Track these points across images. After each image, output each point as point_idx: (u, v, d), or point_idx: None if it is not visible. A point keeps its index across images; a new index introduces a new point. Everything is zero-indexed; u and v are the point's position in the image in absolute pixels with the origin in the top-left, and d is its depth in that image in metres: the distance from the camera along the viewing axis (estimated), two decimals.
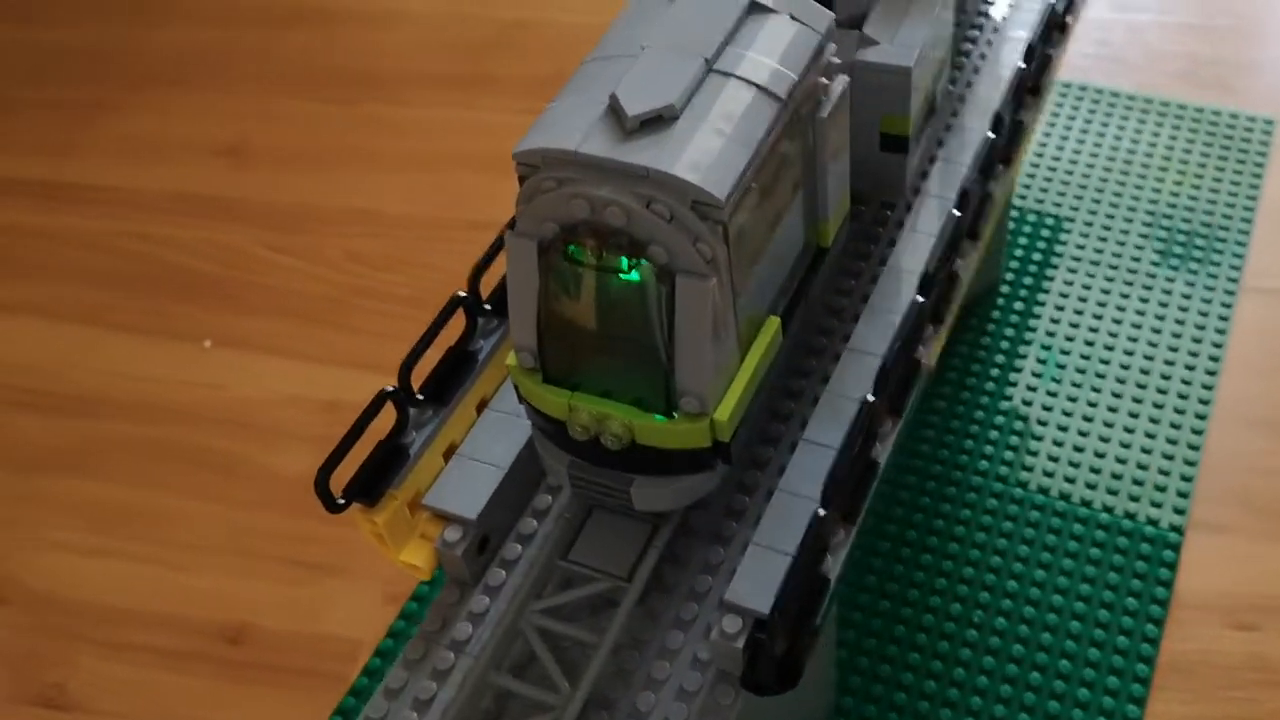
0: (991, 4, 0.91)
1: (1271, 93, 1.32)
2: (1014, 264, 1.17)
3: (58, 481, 1.15)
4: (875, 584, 0.98)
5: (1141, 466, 1.03)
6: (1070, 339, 1.11)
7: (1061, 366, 1.09)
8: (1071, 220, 1.21)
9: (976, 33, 0.91)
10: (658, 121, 0.60)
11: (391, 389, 0.70)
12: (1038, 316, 1.14)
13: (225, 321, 1.27)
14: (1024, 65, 0.79)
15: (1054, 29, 0.85)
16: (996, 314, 1.14)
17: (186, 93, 1.55)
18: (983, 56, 0.89)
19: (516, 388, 0.67)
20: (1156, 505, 1.00)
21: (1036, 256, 1.18)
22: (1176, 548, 0.98)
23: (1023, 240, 1.19)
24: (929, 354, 0.71)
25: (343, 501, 0.69)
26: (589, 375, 0.64)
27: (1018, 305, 1.14)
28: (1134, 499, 1.01)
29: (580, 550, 0.70)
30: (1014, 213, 1.20)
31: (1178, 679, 0.92)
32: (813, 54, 0.64)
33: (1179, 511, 1.00)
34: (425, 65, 1.55)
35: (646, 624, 0.68)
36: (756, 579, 0.63)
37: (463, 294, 0.74)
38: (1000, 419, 1.07)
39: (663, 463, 0.64)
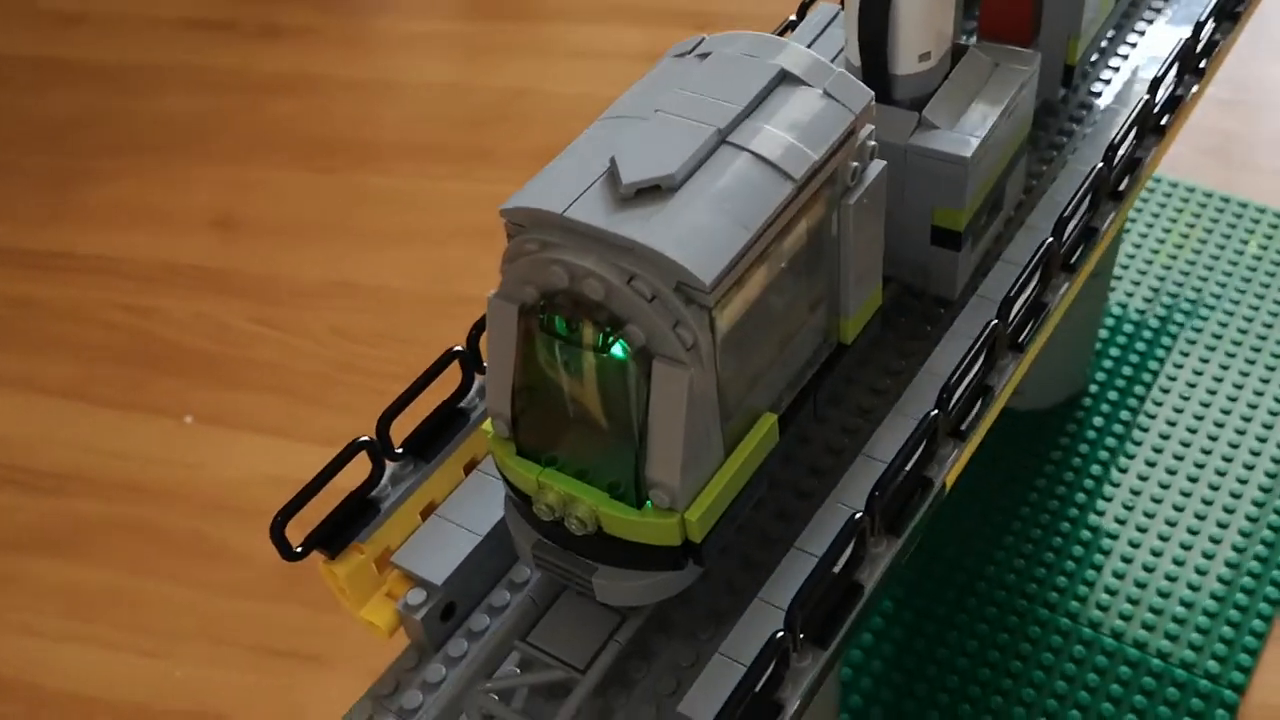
0: (1097, 98, 0.84)
1: None
2: (1102, 374, 1.10)
3: (30, 562, 1.12)
4: (914, 710, 0.93)
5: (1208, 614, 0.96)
6: (1151, 464, 1.04)
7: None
8: (1175, 331, 1.13)
9: (1075, 126, 0.85)
10: (654, 192, 0.56)
11: (366, 439, 0.66)
12: (1120, 436, 1.06)
13: (208, 397, 1.25)
14: (1102, 165, 0.73)
15: (1146, 130, 0.79)
16: (1078, 428, 1.07)
17: (172, 161, 1.53)
18: (1073, 153, 0.83)
19: (492, 454, 0.63)
20: (1219, 660, 0.93)
21: (1127, 370, 1.10)
22: (1233, 708, 0.90)
23: (1114, 350, 1.12)
24: (944, 472, 0.65)
25: (299, 550, 0.65)
26: (563, 452, 0.60)
27: (1097, 420, 1.07)
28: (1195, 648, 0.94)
29: (541, 633, 0.66)
30: (1109, 320, 1.13)
31: None
32: (842, 134, 0.59)
33: (1242, 669, 0.92)
34: (418, 136, 1.52)
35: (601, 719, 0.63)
36: (713, 692, 0.58)
37: (459, 349, 0.69)
38: (1077, 549, 1.01)
39: (629, 555, 0.60)
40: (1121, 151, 0.75)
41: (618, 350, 0.55)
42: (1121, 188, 0.76)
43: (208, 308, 1.33)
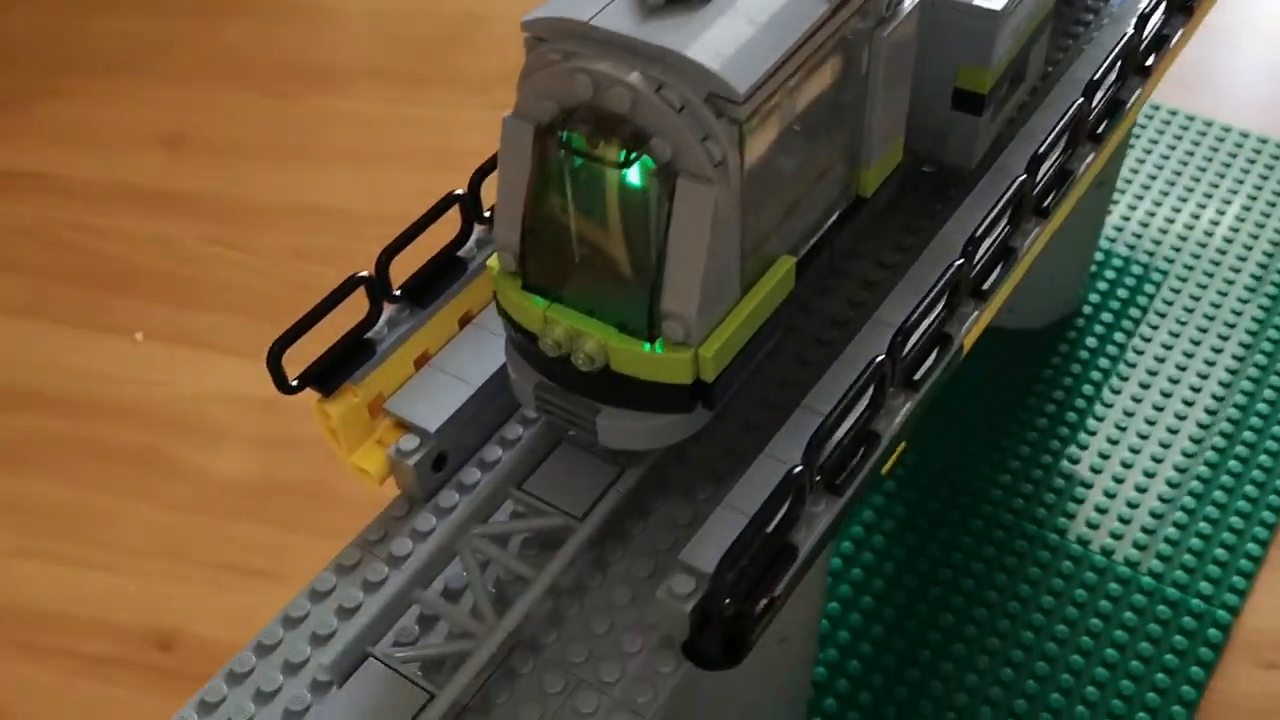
0: None
1: None
2: (1096, 296, 1.09)
3: None
4: (916, 629, 0.91)
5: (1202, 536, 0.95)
6: (1145, 386, 1.03)
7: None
8: (1172, 256, 1.12)
9: (1091, 15, 0.83)
10: (684, 4, 0.54)
11: (364, 275, 0.64)
12: (1114, 357, 1.05)
13: (163, 316, 1.21)
14: (1132, 32, 0.71)
15: (1175, 8, 0.77)
16: (1072, 348, 1.06)
17: (125, 81, 1.48)
18: (1093, 37, 0.81)
19: (495, 293, 0.60)
20: (1212, 581, 0.92)
21: (1122, 292, 1.09)
22: (1226, 629, 0.90)
23: (1110, 273, 1.10)
24: (964, 331, 0.63)
25: (295, 384, 0.62)
26: (572, 288, 0.58)
27: (1090, 341, 1.06)
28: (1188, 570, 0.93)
29: (537, 481, 0.64)
30: (1104, 243, 1.11)
31: None
32: None
33: (1236, 592, 0.91)
34: (373, 59, 1.49)
35: (594, 573, 0.62)
36: (718, 540, 0.56)
37: (460, 192, 0.67)
38: (1067, 466, 1.00)
39: (636, 395, 0.58)
40: (1152, 22, 0.73)
41: (638, 168, 0.53)
42: (1149, 63, 0.74)
43: (162, 228, 1.30)
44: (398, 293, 0.66)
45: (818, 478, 0.56)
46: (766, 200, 0.57)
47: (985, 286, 0.64)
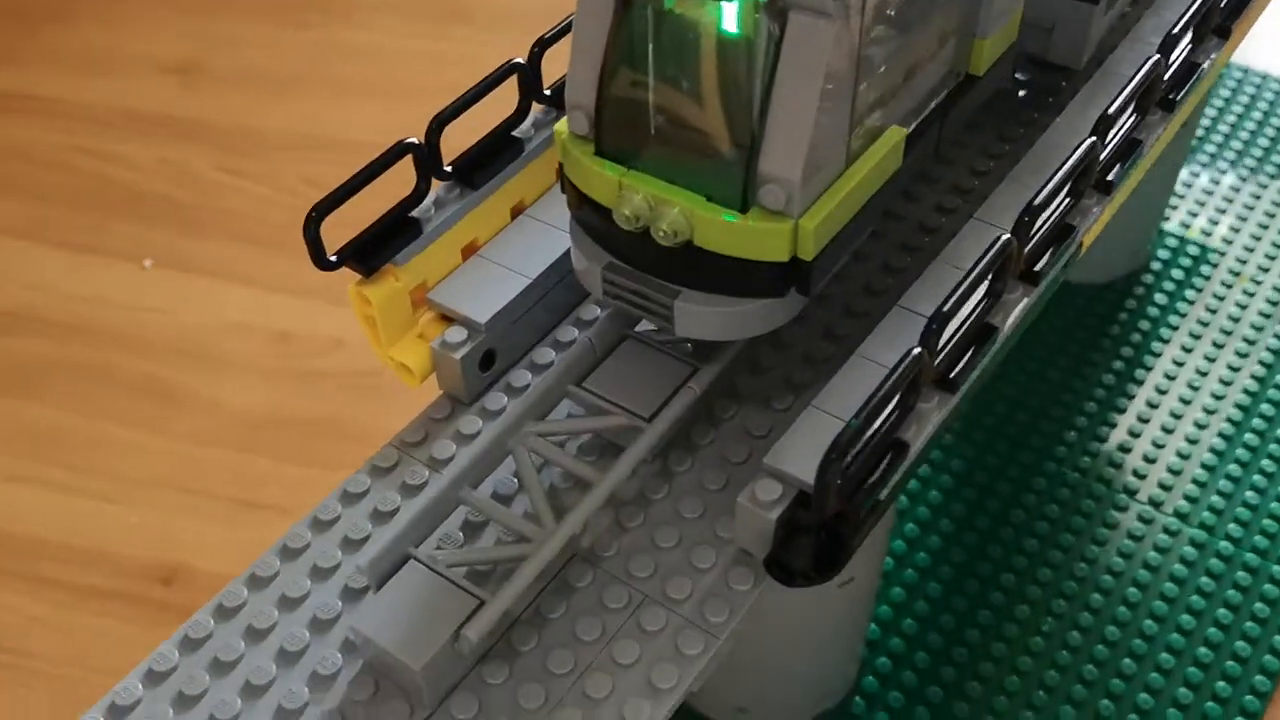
0: None
1: None
2: (1164, 253, 1.02)
3: None
4: (976, 589, 0.85)
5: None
6: (1219, 345, 0.96)
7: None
8: (1245, 214, 1.06)
9: None
10: None
11: (414, 141, 0.57)
12: (1184, 314, 0.99)
13: (174, 244, 1.16)
14: None
15: None
16: (1140, 305, 1.00)
17: (134, 5, 1.43)
18: None
19: (561, 165, 0.54)
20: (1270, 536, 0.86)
21: (1192, 250, 1.03)
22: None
23: (1178, 231, 1.04)
24: (1087, 226, 0.57)
25: (334, 259, 0.56)
26: (653, 153, 0.52)
27: (1159, 298, 0.99)
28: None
29: (599, 379, 0.57)
30: (1174, 201, 1.05)
31: None
32: None
33: None
34: None
35: (660, 483, 0.55)
36: (809, 445, 0.50)
37: (519, 60, 0.61)
38: (1136, 424, 0.93)
39: (722, 276, 0.51)
40: None
41: (736, 11, 0.47)
42: None
43: (172, 154, 1.25)
44: (448, 169, 0.60)
45: (934, 365, 0.50)
46: (881, 58, 0.51)
47: (1110, 178, 0.58)
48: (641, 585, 0.52)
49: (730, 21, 0.47)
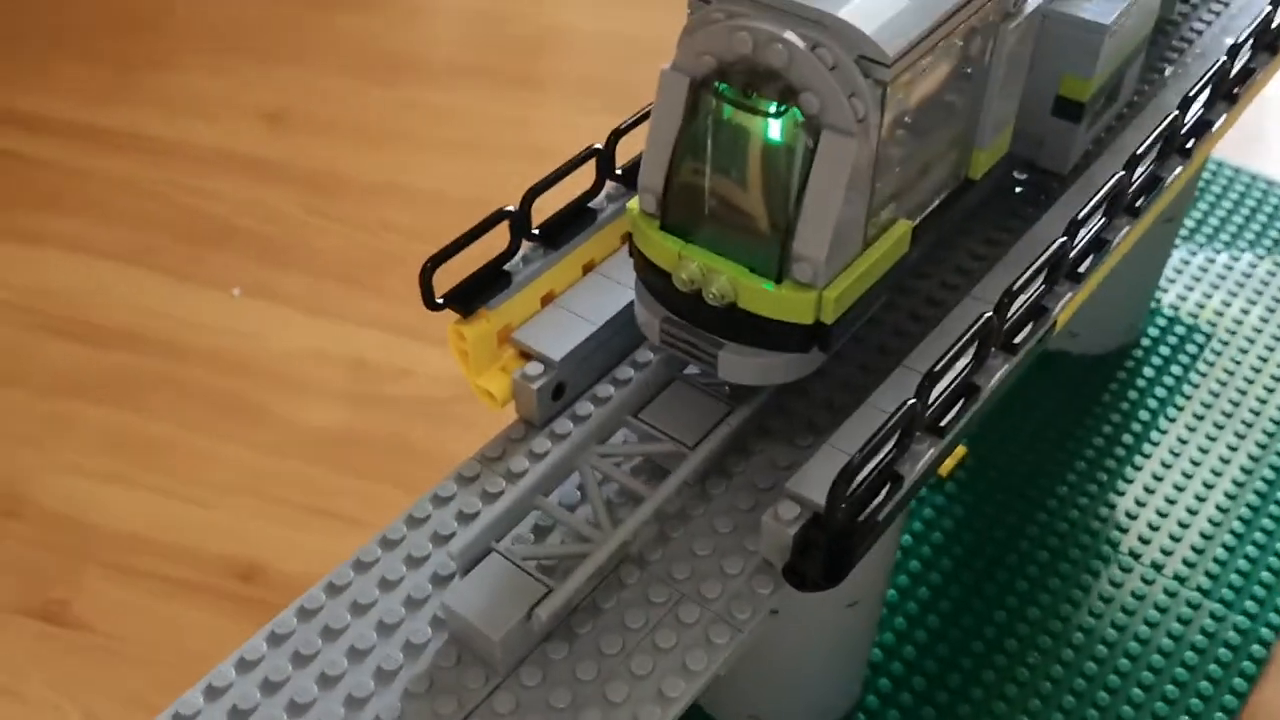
0: (1209, 23, 0.88)
1: None
2: (1154, 330, 1.14)
3: (81, 408, 1.14)
4: (971, 623, 0.95)
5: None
6: (1200, 417, 1.07)
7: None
8: (1235, 291, 1.18)
9: (1185, 45, 0.89)
10: None
11: (511, 209, 0.69)
12: (1171, 387, 1.10)
13: (260, 275, 1.27)
14: (1225, 59, 0.76)
15: (1261, 46, 0.82)
16: (1131, 375, 1.11)
17: (235, 59, 1.55)
18: (1179, 72, 0.86)
19: (631, 236, 0.66)
20: (1258, 601, 0.96)
21: (1180, 329, 1.14)
22: (1269, 645, 0.94)
23: (1168, 310, 1.15)
24: (1059, 309, 0.68)
25: (441, 302, 0.68)
26: (706, 230, 0.63)
27: (1148, 371, 1.11)
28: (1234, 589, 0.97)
29: (652, 412, 0.69)
30: (1164, 282, 1.17)
31: None
32: None
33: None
34: (469, 58, 1.56)
35: (699, 502, 0.66)
36: (824, 475, 0.61)
37: (598, 146, 0.72)
38: (1122, 485, 1.04)
39: (758, 332, 0.63)
40: (1238, 61, 0.78)
41: (785, 120, 0.58)
42: (1236, 91, 0.80)
43: (261, 194, 1.36)
44: (535, 232, 0.71)
45: (926, 414, 0.61)
46: (894, 164, 0.62)
47: (1081, 270, 0.69)
48: (680, 585, 0.63)
49: (775, 132, 0.59)
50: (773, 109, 0.58)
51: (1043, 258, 0.66)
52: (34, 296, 1.24)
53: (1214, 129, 0.78)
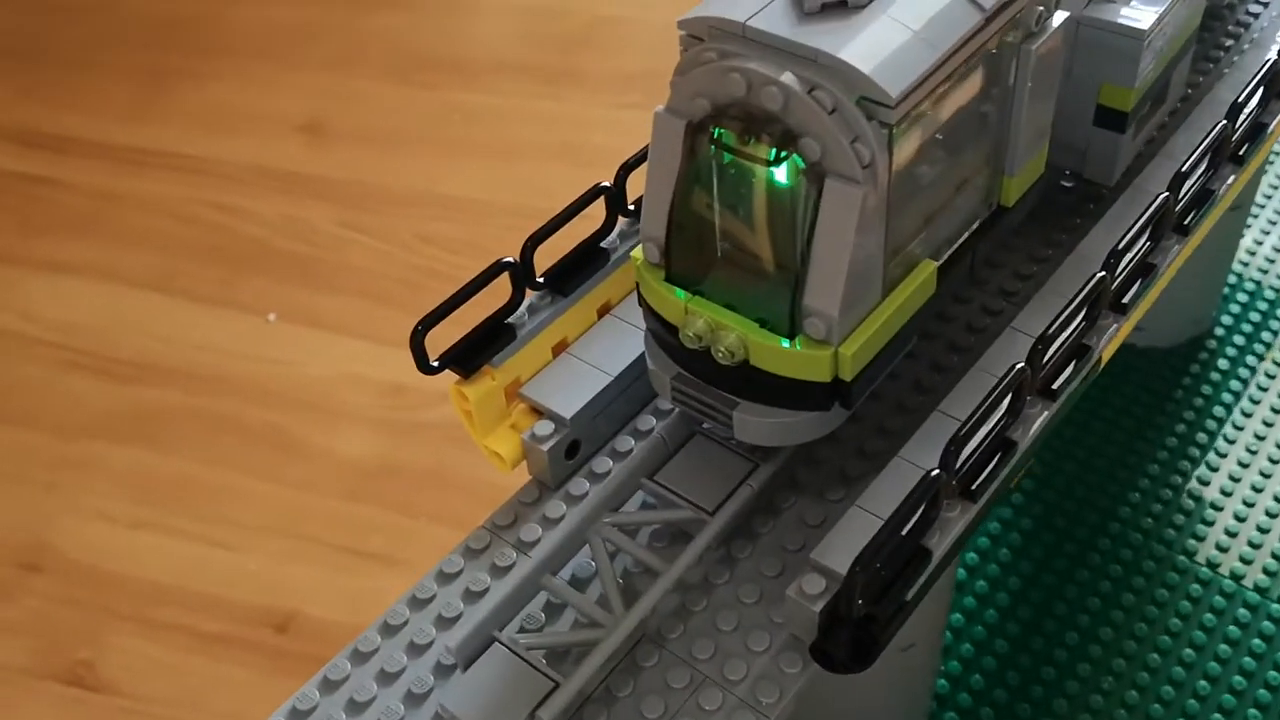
0: (1265, 5, 0.82)
1: None
2: (1228, 318, 1.07)
3: (106, 448, 1.11)
4: (1041, 646, 0.90)
5: None
6: (1277, 410, 1.01)
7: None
8: None
9: (1241, 30, 0.83)
10: (840, 8, 0.54)
11: (510, 260, 0.65)
12: (1245, 380, 1.04)
13: (294, 296, 1.23)
14: (1276, 58, 0.70)
15: None
16: (1203, 369, 1.05)
17: (268, 66, 1.51)
18: (1234, 61, 0.80)
19: (638, 284, 0.61)
20: None
21: (1254, 316, 1.07)
22: None
23: (1242, 296, 1.09)
24: (1103, 344, 0.63)
25: (436, 365, 0.64)
26: (714, 282, 0.58)
27: (1221, 363, 1.04)
28: None
29: (669, 473, 0.64)
30: (1237, 266, 1.10)
31: None
32: None
33: None
34: (509, 54, 1.50)
35: (721, 570, 0.62)
36: (850, 541, 0.56)
37: (606, 184, 0.68)
38: (1196, 487, 0.98)
39: (773, 391, 0.58)
40: None
41: (786, 167, 0.54)
42: None
43: (295, 210, 1.32)
44: (540, 280, 0.67)
45: (953, 482, 0.56)
46: (911, 205, 0.57)
47: (1125, 300, 0.64)
48: (702, 666, 0.58)
49: (777, 180, 0.54)
50: (772, 156, 0.53)
51: (1080, 294, 0.60)
52: (61, 330, 1.21)
53: (1269, 131, 0.72)
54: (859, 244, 0.53)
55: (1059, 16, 0.60)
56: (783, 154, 0.53)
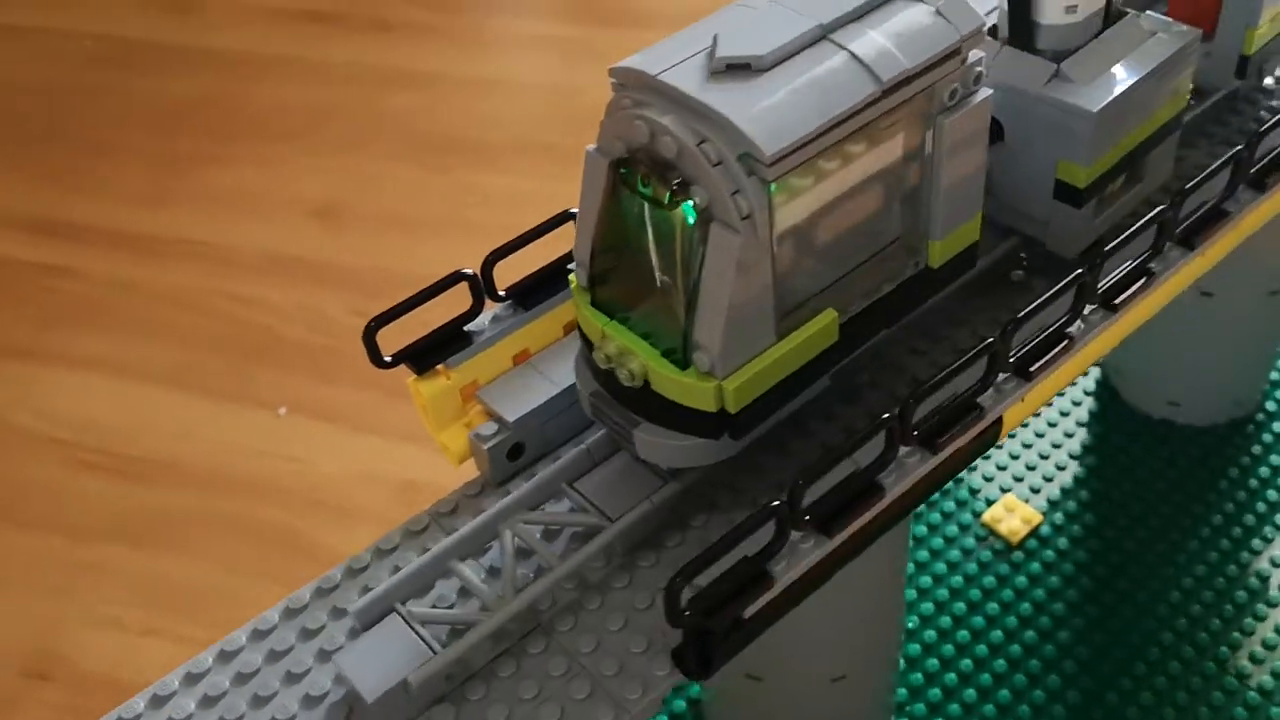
0: None
1: None
2: (1273, 404, 1.07)
3: (118, 552, 1.08)
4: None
5: None
6: None
7: None
8: None
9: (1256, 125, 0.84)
10: (744, 70, 0.58)
11: (469, 272, 0.71)
12: None
13: (307, 389, 1.22)
14: (1243, 148, 0.72)
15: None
16: (1245, 454, 1.05)
17: (281, 149, 1.50)
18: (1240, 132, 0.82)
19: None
20: None
21: None
22: None
23: None
24: (1003, 406, 0.66)
25: (389, 360, 0.70)
26: (632, 311, 0.63)
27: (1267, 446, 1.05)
28: None
29: (588, 482, 0.69)
30: None
31: None
32: (942, 51, 0.60)
33: None
34: (527, 135, 1.47)
35: (624, 575, 0.67)
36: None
37: (574, 210, 0.73)
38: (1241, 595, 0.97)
39: (670, 415, 0.63)
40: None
41: (680, 211, 0.58)
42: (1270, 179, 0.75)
43: (309, 299, 1.31)
44: (502, 293, 0.73)
45: (806, 517, 0.60)
46: (807, 257, 0.61)
47: (1032, 369, 0.67)
48: (581, 659, 0.63)
49: (673, 222, 0.59)
50: (667, 199, 0.58)
51: (973, 352, 0.64)
52: (74, 429, 1.21)
53: (1231, 218, 0.74)
54: (739, 287, 0.58)
55: (980, 94, 0.63)
56: (676, 198, 0.58)
